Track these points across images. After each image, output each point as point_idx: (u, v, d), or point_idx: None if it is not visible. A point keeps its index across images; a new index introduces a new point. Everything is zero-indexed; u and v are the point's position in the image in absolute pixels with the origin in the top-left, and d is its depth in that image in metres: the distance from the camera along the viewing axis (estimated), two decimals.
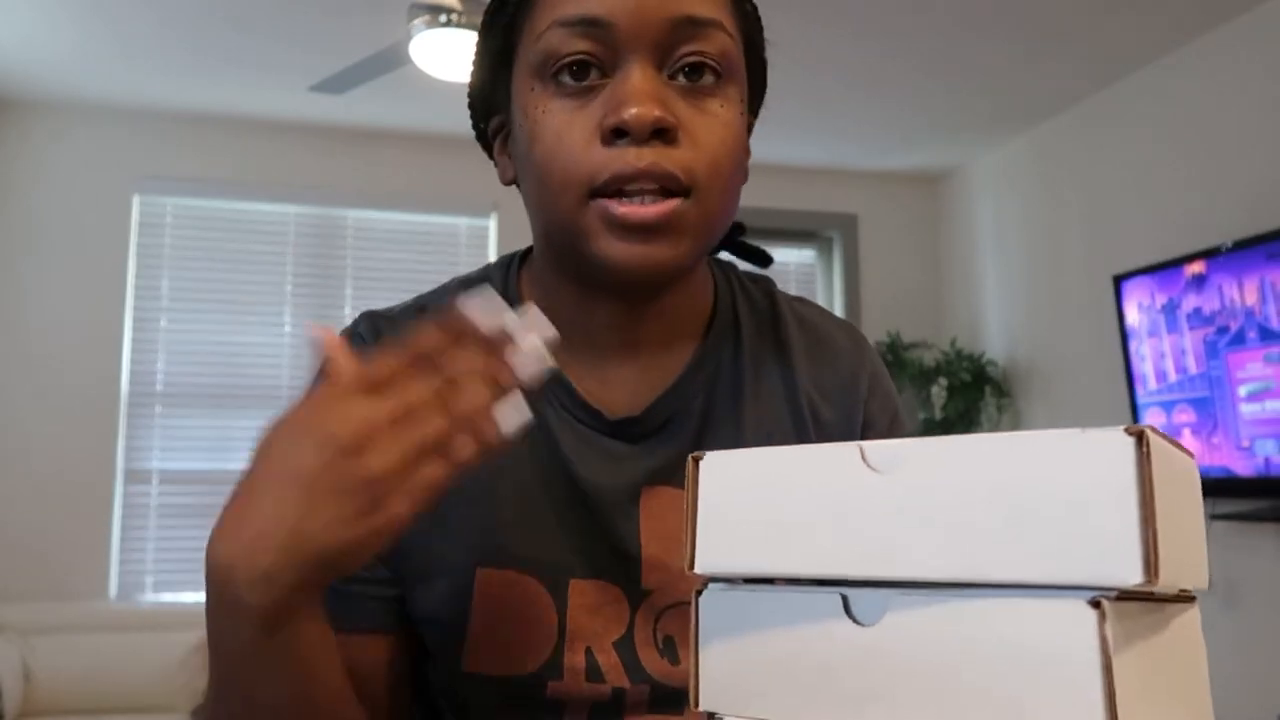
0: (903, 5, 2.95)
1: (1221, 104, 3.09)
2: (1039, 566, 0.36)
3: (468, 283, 0.73)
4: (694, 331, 0.71)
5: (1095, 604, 0.35)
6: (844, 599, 0.42)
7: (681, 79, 0.60)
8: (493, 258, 4.53)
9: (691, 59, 0.60)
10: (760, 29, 0.69)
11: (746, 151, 0.68)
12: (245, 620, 0.48)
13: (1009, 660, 0.37)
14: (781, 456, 0.44)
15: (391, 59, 2.71)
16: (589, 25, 0.59)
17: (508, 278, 0.72)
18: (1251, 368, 2.84)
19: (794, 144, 4.13)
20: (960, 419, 4.01)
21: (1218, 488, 2.91)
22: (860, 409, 0.73)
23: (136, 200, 3.78)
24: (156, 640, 3.32)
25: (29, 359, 3.60)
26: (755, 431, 0.70)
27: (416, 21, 2.49)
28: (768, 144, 4.10)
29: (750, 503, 0.44)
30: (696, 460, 0.46)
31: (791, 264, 4.49)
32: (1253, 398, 2.84)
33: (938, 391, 3.99)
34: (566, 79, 0.60)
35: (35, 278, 3.63)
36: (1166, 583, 0.35)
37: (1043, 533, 0.37)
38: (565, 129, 0.59)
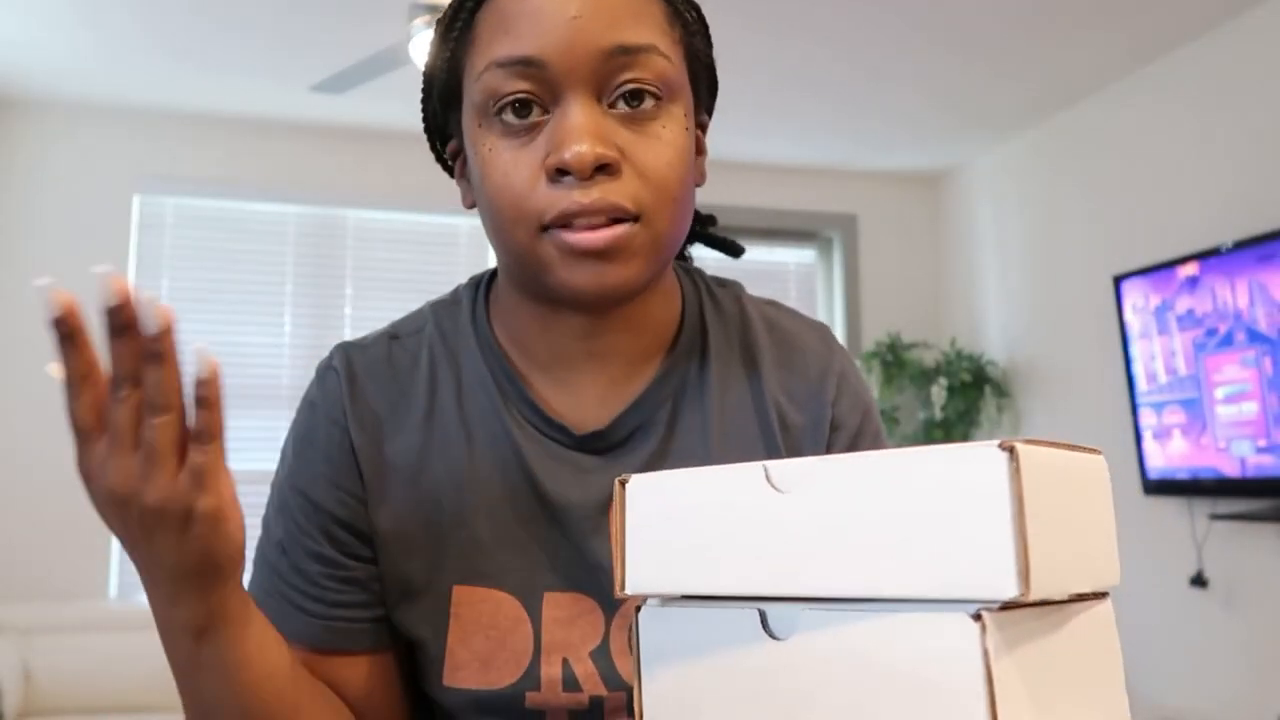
0: (903, 6, 2.95)
1: (1221, 104, 3.09)
2: (924, 581, 0.38)
3: (440, 307, 0.74)
4: (661, 343, 0.72)
5: (977, 617, 0.37)
6: (762, 615, 0.43)
7: (622, 106, 0.61)
8: (491, 259, 4.55)
9: (629, 87, 0.61)
10: (705, 33, 0.69)
11: (697, 161, 0.69)
12: (177, 633, 0.56)
13: (903, 674, 0.38)
14: (698, 478, 0.46)
15: (391, 59, 2.72)
16: (524, 65, 0.60)
17: (476, 299, 0.73)
18: (1228, 370, 2.88)
19: (794, 144, 4.13)
20: (960, 419, 4.01)
21: (1209, 488, 2.92)
22: (828, 411, 0.73)
23: (136, 200, 3.78)
24: (156, 640, 3.30)
25: (29, 359, 3.60)
26: (722, 441, 0.71)
27: (416, 21, 2.49)
28: (768, 144, 4.10)
29: (673, 524, 0.46)
30: (623, 484, 0.48)
31: (791, 264, 4.49)
32: (1229, 400, 2.88)
33: (937, 391, 3.99)
34: (510, 117, 0.61)
35: (36, 277, 3.63)
36: (1048, 590, 0.37)
37: (926, 548, 0.38)
38: (512, 167, 0.61)
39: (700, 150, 0.71)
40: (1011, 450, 0.36)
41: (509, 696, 0.67)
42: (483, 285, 0.75)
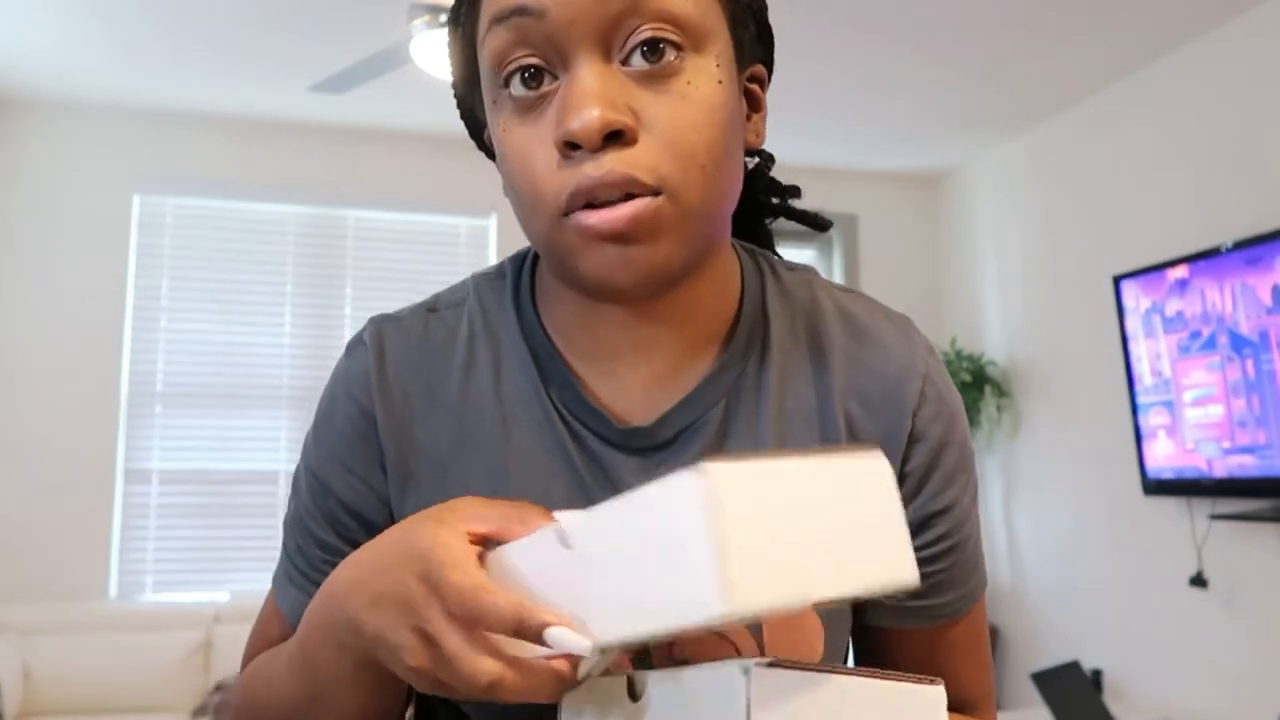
0: (903, 5, 2.95)
1: (1222, 104, 3.09)
2: (663, 618, 0.39)
3: (483, 281, 0.69)
4: (716, 334, 0.65)
5: (746, 671, 0.39)
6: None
7: (637, 62, 0.54)
8: (493, 258, 4.57)
9: (642, 36, 0.53)
10: None
11: (750, 121, 0.64)
12: (347, 651, 0.53)
13: None
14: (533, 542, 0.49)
15: (392, 59, 2.72)
16: (519, 14, 0.53)
17: (520, 275, 0.69)
18: (1195, 375, 2.93)
19: (794, 144, 4.13)
20: None
21: (1205, 488, 2.92)
22: (907, 420, 0.64)
23: (136, 200, 3.78)
24: (156, 640, 3.32)
25: (29, 359, 3.60)
26: (778, 448, 0.64)
27: (417, 22, 2.49)
28: (768, 144, 4.09)
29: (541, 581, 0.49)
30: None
31: None
32: (1197, 403, 2.95)
33: None
34: (518, 89, 0.55)
35: (35, 278, 3.63)
36: (762, 603, 0.37)
37: (656, 584, 0.40)
38: (526, 147, 0.55)
39: (757, 107, 0.64)
40: (702, 470, 0.37)
41: None
42: (528, 261, 0.69)
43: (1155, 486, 3.14)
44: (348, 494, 0.65)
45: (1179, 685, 3.17)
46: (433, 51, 2.53)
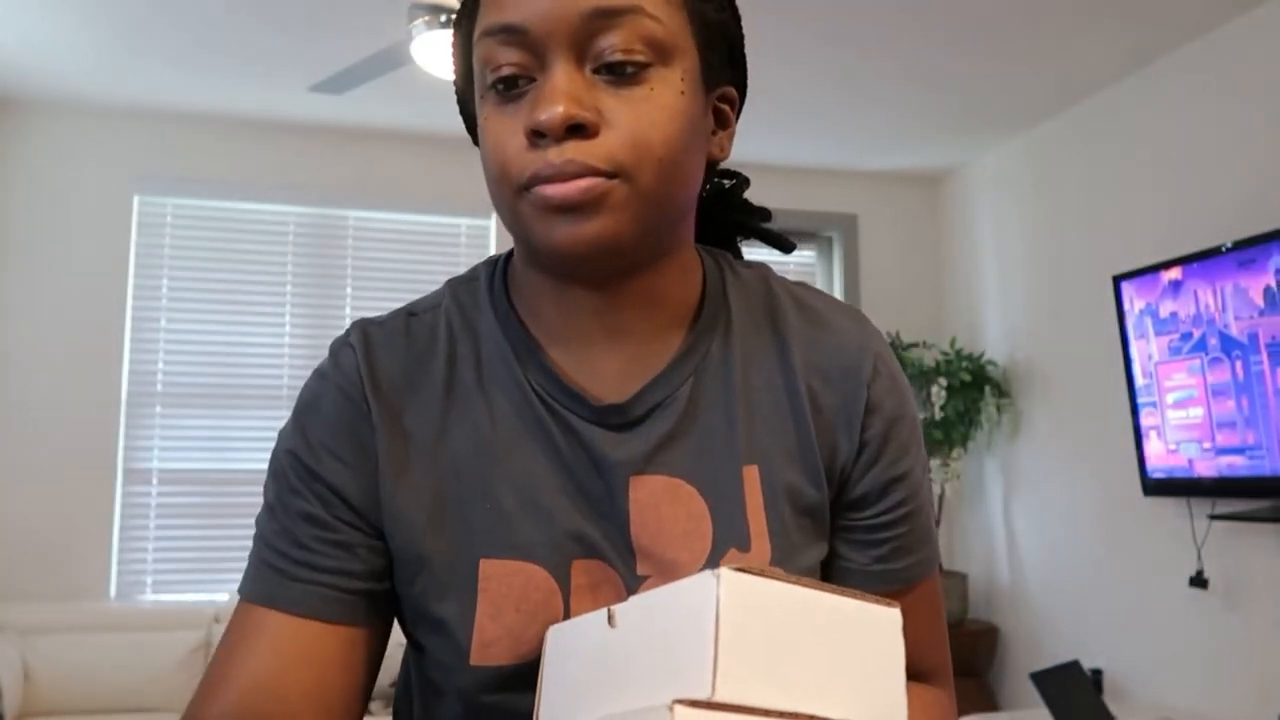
0: (903, 6, 2.95)
1: (1222, 105, 3.09)
2: (668, 692, 0.45)
3: (458, 284, 0.74)
4: (681, 320, 0.70)
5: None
6: None
7: (605, 73, 0.60)
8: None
9: (611, 49, 0.60)
10: (722, 1, 0.67)
11: (716, 136, 0.69)
12: None
13: None
14: (572, 627, 0.58)
15: (392, 59, 2.72)
16: (508, 32, 0.61)
17: (494, 275, 0.73)
18: (1177, 377, 2.97)
19: (794, 144, 4.13)
20: (960, 419, 4.01)
21: (1196, 489, 2.93)
22: (863, 392, 0.71)
23: (136, 200, 3.78)
24: (156, 640, 3.32)
25: (29, 359, 3.60)
26: (748, 418, 0.69)
27: (417, 22, 2.49)
28: (768, 144, 4.10)
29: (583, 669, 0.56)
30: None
31: (791, 264, 4.50)
32: (1178, 405, 2.98)
33: (937, 391, 3.99)
34: (501, 88, 0.62)
35: (35, 278, 3.63)
36: (748, 699, 0.43)
37: (671, 661, 0.46)
38: (501, 135, 0.62)
39: (723, 125, 0.70)
40: (719, 578, 0.44)
41: (537, 667, 0.65)
42: (500, 262, 0.74)
43: (1155, 486, 3.14)
44: (334, 478, 0.66)
45: (1179, 685, 3.17)
46: (433, 51, 2.53)
